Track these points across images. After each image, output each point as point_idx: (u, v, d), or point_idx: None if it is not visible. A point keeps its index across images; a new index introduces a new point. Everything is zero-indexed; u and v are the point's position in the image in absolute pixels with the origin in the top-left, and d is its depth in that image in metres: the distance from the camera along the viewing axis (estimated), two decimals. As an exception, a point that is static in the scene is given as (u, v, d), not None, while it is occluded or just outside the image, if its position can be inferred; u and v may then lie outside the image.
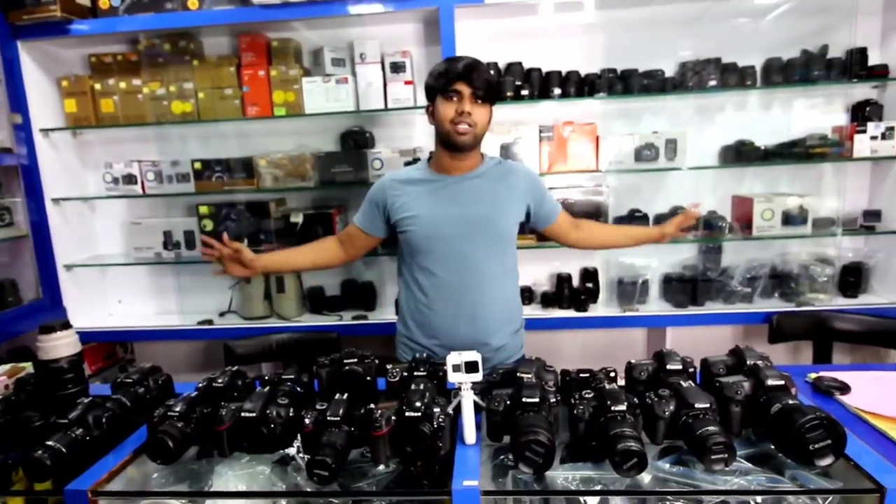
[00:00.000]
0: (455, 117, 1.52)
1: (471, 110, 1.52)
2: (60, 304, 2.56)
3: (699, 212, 1.50)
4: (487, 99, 1.55)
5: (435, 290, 1.63)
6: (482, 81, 1.52)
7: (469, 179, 1.63)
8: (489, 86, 1.54)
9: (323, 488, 1.01)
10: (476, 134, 1.56)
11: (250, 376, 1.32)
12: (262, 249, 2.57)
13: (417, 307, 1.67)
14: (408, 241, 1.64)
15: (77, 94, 2.51)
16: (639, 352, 2.81)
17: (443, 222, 1.60)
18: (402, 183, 1.66)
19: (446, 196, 1.62)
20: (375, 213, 1.69)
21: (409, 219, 1.62)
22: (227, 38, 2.59)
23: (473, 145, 1.58)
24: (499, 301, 1.66)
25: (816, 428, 0.96)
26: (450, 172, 1.64)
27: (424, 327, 1.67)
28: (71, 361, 1.31)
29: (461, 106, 1.52)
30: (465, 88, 1.51)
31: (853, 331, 2.17)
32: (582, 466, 1.05)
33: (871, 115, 2.40)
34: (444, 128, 1.55)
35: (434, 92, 1.57)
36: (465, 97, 1.52)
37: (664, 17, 2.42)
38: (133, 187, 2.56)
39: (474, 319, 1.61)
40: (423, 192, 1.63)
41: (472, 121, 1.53)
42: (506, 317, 1.69)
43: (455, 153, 1.59)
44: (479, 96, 1.52)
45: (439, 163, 1.65)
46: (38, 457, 1.03)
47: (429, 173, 1.66)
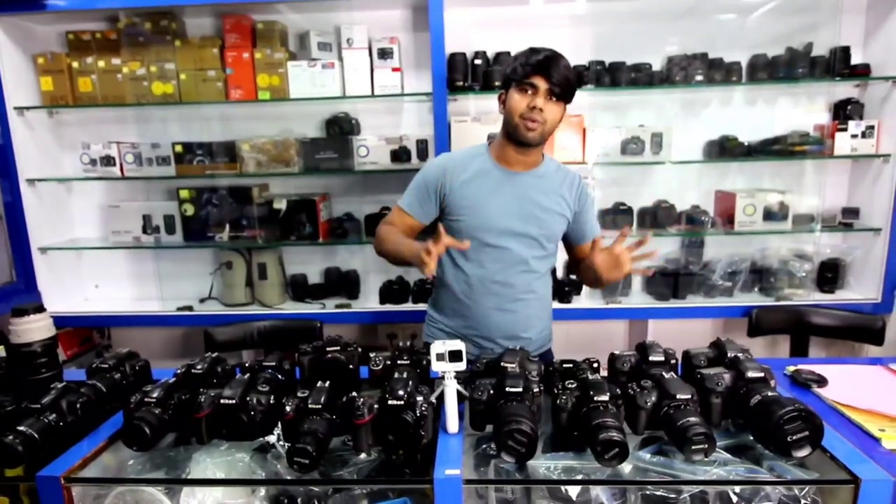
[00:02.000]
0: (526, 111, 1.47)
1: (543, 106, 1.46)
2: (35, 287, 2.50)
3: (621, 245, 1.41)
4: (563, 97, 1.49)
5: (478, 282, 1.60)
6: (561, 77, 1.45)
7: (531, 177, 1.59)
8: (567, 83, 1.47)
9: (303, 476, 1.00)
10: (544, 131, 1.50)
11: (230, 363, 1.30)
12: (243, 235, 2.54)
13: (457, 295, 1.64)
14: (459, 229, 1.59)
15: (54, 72, 2.44)
16: (621, 344, 2.83)
17: (500, 217, 1.57)
18: (462, 167, 1.60)
19: (507, 191, 1.57)
20: (429, 196, 1.61)
21: (466, 207, 1.57)
22: (211, 19, 2.53)
23: (539, 142, 1.53)
24: (538, 297, 1.66)
25: (794, 420, 0.97)
26: (512, 166, 1.59)
27: (462, 316, 1.65)
28: (44, 345, 1.28)
29: (534, 100, 1.46)
30: (541, 83, 1.45)
31: (830, 325, 2.21)
32: (564, 456, 1.05)
33: (853, 113, 2.44)
34: (514, 120, 1.49)
35: (509, 81, 1.51)
36: (540, 92, 1.46)
37: (652, 10, 2.43)
38: (111, 169, 2.50)
39: (513, 314, 1.60)
40: (484, 181, 1.58)
41: (543, 118, 1.47)
42: (541, 312, 1.68)
43: (520, 147, 1.54)
44: (554, 93, 1.46)
45: (502, 154, 1.59)
46: (10, 442, 1.00)
47: (491, 163, 1.60)
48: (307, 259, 2.73)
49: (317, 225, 2.51)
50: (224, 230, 2.53)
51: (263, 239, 2.54)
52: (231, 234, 2.54)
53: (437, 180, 1.59)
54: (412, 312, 2.50)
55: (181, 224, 2.55)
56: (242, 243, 2.55)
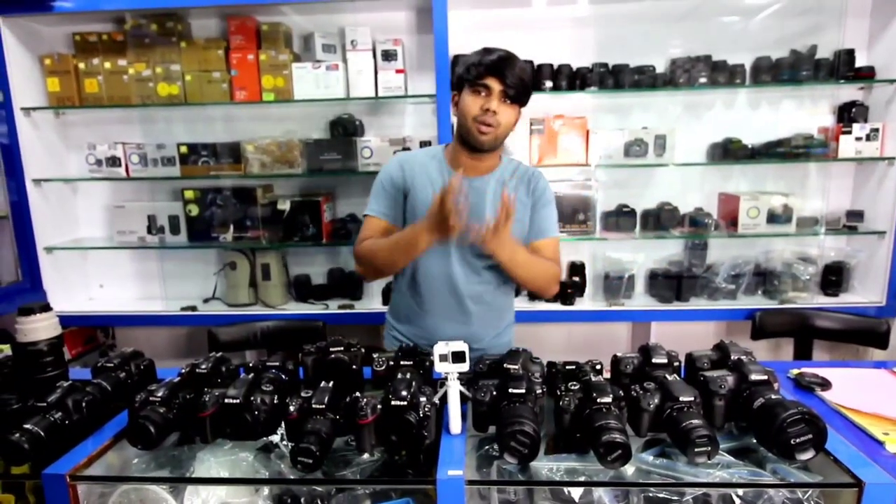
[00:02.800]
0: (479, 114, 1.42)
1: (497, 109, 1.41)
2: (40, 287, 2.51)
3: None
4: (518, 99, 1.44)
5: (430, 292, 1.57)
6: (515, 79, 1.40)
7: (481, 183, 1.53)
8: (522, 85, 1.42)
9: (307, 476, 1.01)
10: (498, 135, 1.45)
11: (234, 363, 1.30)
12: (247, 236, 2.55)
13: (409, 303, 1.62)
14: None
15: (60, 73, 2.45)
16: (623, 346, 2.83)
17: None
18: (419, 168, 1.56)
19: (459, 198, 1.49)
20: (397, 194, 1.56)
21: (419, 215, 1.50)
22: (216, 21, 2.55)
23: (493, 147, 1.49)
24: (495, 307, 1.62)
25: (798, 423, 0.97)
26: (466, 172, 1.50)
27: (414, 324, 1.62)
28: (50, 344, 1.28)
29: (488, 103, 1.41)
30: (495, 84, 1.40)
31: (834, 329, 2.20)
32: (566, 457, 1.05)
33: (857, 116, 2.43)
34: (466, 123, 1.45)
35: (462, 82, 1.46)
36: (493, 94, 1.41)
37: (656, 13, 2.43)
38: (117, 170, 2.51)
39: (464, 325, 1.57)
40: (434, 186, 1.52)
41: (497, 121, 1.42)
42: (496, 322, 1.64)
43: (473, 152, 1.50)
44: (508, 95, 1.41)
45: (456, 159, 1.54)
46: (16, 440, 1.01)
47: (445, 168, 1.56)
48: (310, 260, 2.73)
49: (320, 226, 2.51)
50: (228, 231, 2.54)
51: (267, 239, 2.55)
52: (235, 234, 2.54)
53: (400, 177, 1.56)
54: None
55: (185, 224, 2.56)
56: (246, 244, 2.56)
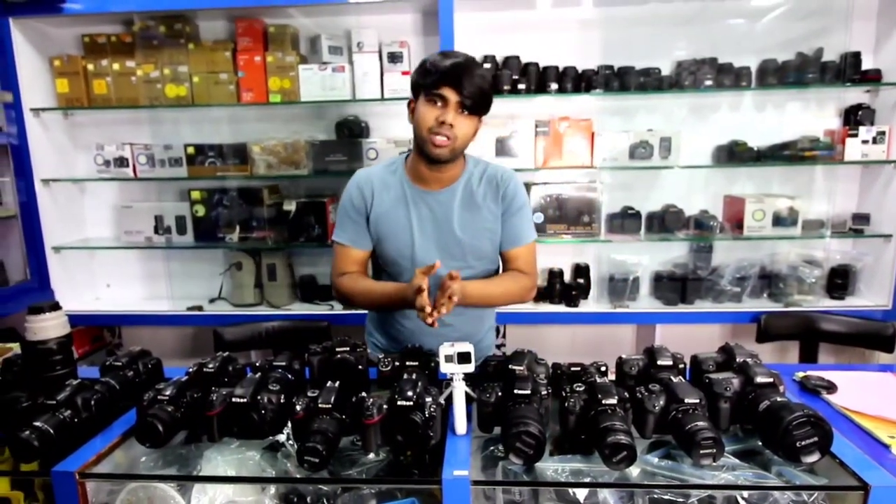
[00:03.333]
0: (434, 126, 1.34)
1: (453, 121, 1.33)
2: (48, 286, 2.53)
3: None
4: (475, 110, 1.35)
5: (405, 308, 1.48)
6: (473, 89, 1.31)
7: (446, 195, 1.47)
8: (481, 95, 1.34)
9: (313, 475, 1.01)
10: (455, 148, 1.37)
11: (241, 363, 1.31)
12: (253, 236, 2.56)
13: (384, 317, 1.59)
14: (382, 254, 1.52)
15: (69, 75, 2.47)
16: (628, 348, 2.83)
17: (417, 243, 1.46)
18: (379, 187, 1.49)
19: (421, 214, 1.46)
20: (360, 220, 1.49)
21: (383, 234, 1.48)
22: (224, 23, 2.57)
23: (450, 159, 1.40)
24: (472, 316, 1.56)
25: (804, 425, 0.97)
26: (426, 184, 1.47)
27: (391, 338, 1.61)
28: (59, 343, 1.29)
29: (443, 114, 1.33)
30: (451, 95, 1.32)
31: (839, 332, 2.19)
32: (571, 459, 1.05)
33: (863, 119, 2.43)
34: (422, 134, 1.37)
35: (418, 89, 1.38)
36: (449, 105, 1.33)
37: (661, 15, 2.43)
38: (124, 170, 2.53)
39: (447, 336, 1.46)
40: (397, 204, 1.47)
41: (453, 133, 1.34)
42: (478, 327, 1.60)
43: (431, 164, 1.42)
44: (465, 106, 1.33)
45: (415, 171, 1.47)
46: (26, 437, 1.02)
47: (404, 181, 1.48)
48: (316, 260, 2.74)
49: (326, 226, 2.52)
50: (234, 231, 2.55)
51: (273, 240, 2.56)
52: (241, 235, 2.56)
53: (360, 200, 1.49)
54: (420, 315, 2.50)
55: (192, 225, 2.58)
56: (252, 244, 2.57)
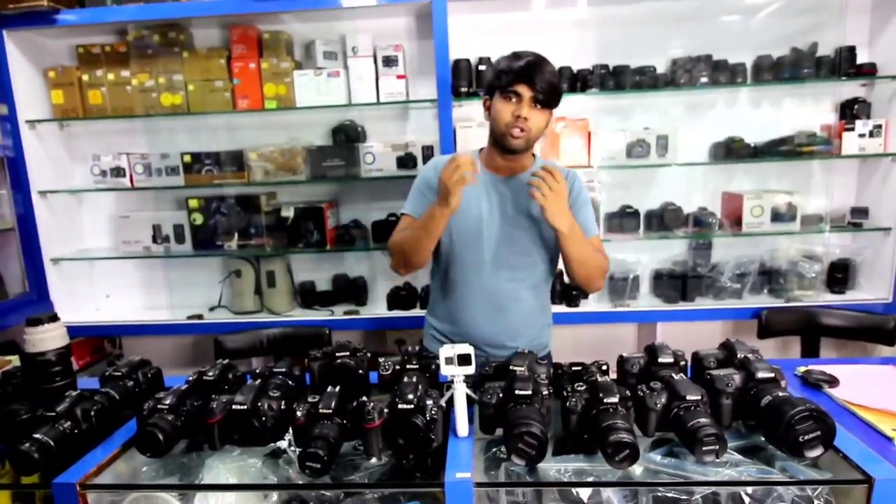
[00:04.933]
0: (511, 120, 1.46)
1: (528, 115, 1.45)
2: (47, 297, 2.53)
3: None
4: (548, 104, 1.47)
5: (466, 288, 1.60)
6: (545, 84, 1.43)
7: (519, 181, 1.58)
8: (552, 89, 1.45)
9: (315, 481, 1.01)
10: (529, 139, 1.50)
11: (241, 370, 1.31)
12: (251, 243, 2.56)
13: (446, 301, 1.65)
14: (448, 234, 1.59)
15: (64, 86, 2.47)
16: (630, 347, 2.82)
17: (484, 223, 1.56)
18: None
19: (494, 197, 1.58)
20: (431, 197, 1.58)
21: (456, 212, 1.54)
22: (218, 30, 2.57)
23: (525, 149, 1.53)
24: (529, 306, 1.63)
25: (806, 420, 0.97)
26: (499, 171, 1.59)
27: (451, 322, 1.65)
28: (59, 354, 1.29)
29: (518, 109, 1.45)
30: (525, 91, 1.43)
31: (840, 326, 2.19)
32: (574, 458, 1.05)
33: (859, 113, 2.42)
34: (499, 129, 1.49)
35: (493, 88, 1.50)
36: (524, 100, 1.44)
37: (656, 13, 2.43)
38: (121, 180, 2.53)
39: (498, 323, 1.58)
40: (472, 186, 1.54)
41: (528, 126, 1.46)
42: (530, 321, 1.65)
43: (506, 153, 1.54)
44: (538, 100, 1.45)
45: (490, 160, 1.60)
46: (26, 449, 1.02)
47: (480, 168, 1.59)
48: (315, 266, 2.74)
49: (324, 232, 2.52)
50: (233, 238, 2.55)
51: (271, 247, 2.56)
52: (239, 242, 2.56)
53: (435, 182, 1.56)
54: (420, 318, 2.44)
55: (190, 233, 2.58)
56: (251, 251, 2.57)
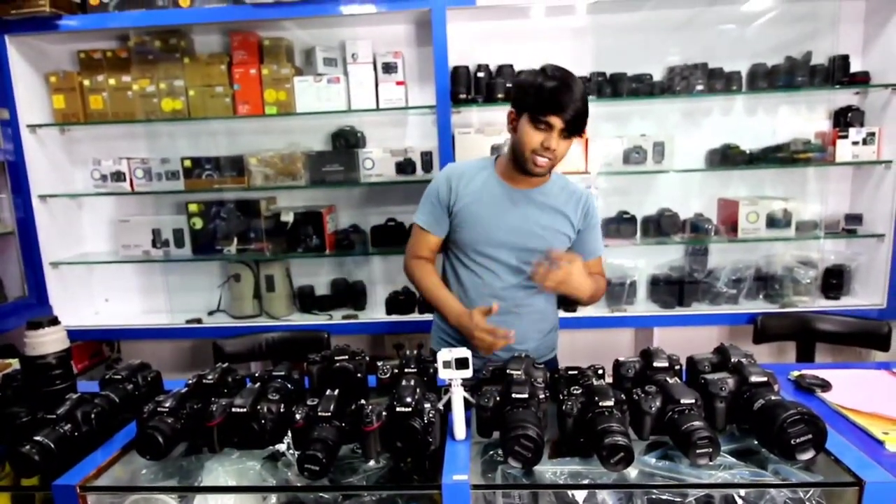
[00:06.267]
0: (539, 149, 1.45)
1: (556, 146, 1.45)
2: (46, 301, 2.53)
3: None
4: (576, 132, 1.47)
5: (477, 294, 1.62)
6: (574, 114, 1.41)
7: (534, 194, 1.59)
8: (582, 119, 1.44)
9: (313, 483, 1.02)
10: (552, 165, 1.51)
11: (240, 374, 1.32)
12: (251, 248, 2.57)
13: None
14: (461, 239, 1.61)
15: (65, 90, 2.49)
16: (626, 352, 2.83)
17: (498, 232, 1.57)
18: (468, 179, 1.61)
19: (508, 207, 1.58)
20: (441, 209, 1.62)
21: (467, 221, 1.59)
22: (219, 36, 2.59)
23: (545, 174, 1.55)
24: (536, 311, 1.66)
25: (798, 423, 0.98)
26: (516, 183, 1.59)
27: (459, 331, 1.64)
28: (59, 357, 1.30)
29: (548, 140, 1.44)
30: (557, 122, 1.42)
31: (835, 332, 2.21)
32: (570, 461, 1.06)
33: (853, 120, 2.45)
34: (524, 153, 1.48)
35: (522, 107, 1.47)
36: (554, 131, 1.43)
37: (653, 22, 2.46)
38: (121, 185, 2.54)
39: (514, 326, 1.56)
40: (486, 197, 1.59)
41: (555, 155, 1.47)
42: (539, 325, 1.69)
43: (525, 174, 1.55)
44: (568, 129, 1.44)
45: (508, 173, 1.60)
46: (26, 452, 1.02)
47: (495, 179, 1.60)
48: (314, 271, 2.75)
49: (323, 237, 2.54)
50: (232, 243, 2.56)
51: (271, 251, 2.57)
52: (239, 246, 2.57)
53: (446, 192, 1.61)
54: (418, 323, 2.51)
55: (190, 237, 2.59)
56: (250, 256, 2.58)
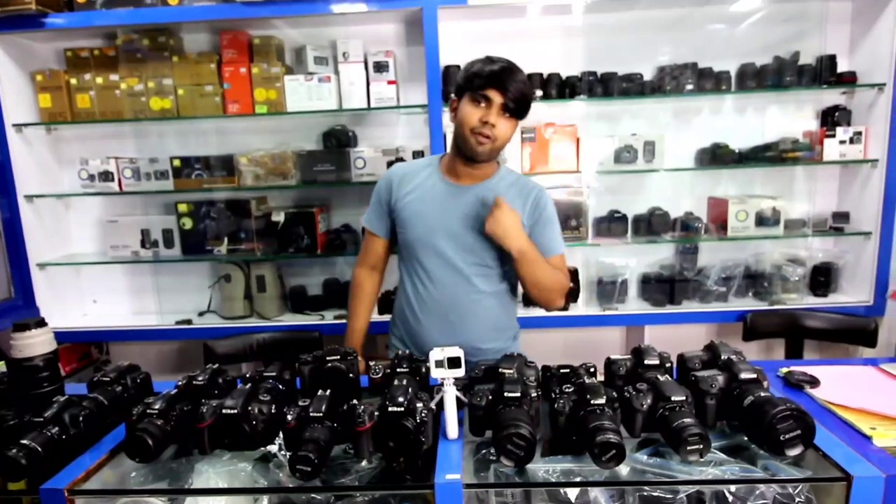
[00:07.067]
0: (477, 125, 1.41)
1: (496, 122, 1.41)
2: (33, 303, 2.50)
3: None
4: (517, 113, 1.43)
5: (423, 302, 1.58)
6: (516, 92, 1.39)
7: (479, 189, 1.53)
8: (523, 98, 1.41)
9: (305, 484, 1.01)
10: (494, 147, 1.45)
11: (231, 375, 1.31)
12: (241, 248, 2.55)
13: (406, 315, 1.63)
14: (406, 240, 1.57)
15: (52, 89, 2.46)
16: (618, 350, 2.82)
17: (440, 232, 1.52)
18: (409, 178, 1.57)
19: (450, 206, 1.52)
20: (382, 210, 1.60)
21: (408, 221, 1.55)
22: (208, 35, 2.57)
23: (488, 158, 1.49)
24: (490, 318, 1.60)
25: (787, 419, 0.99)
26: (459, 179, 1.54)
27: (412, 335, 1.63)
28: (46, 360, 1.29)
29: (487, 115, 1.40)
30: (496, 97, 1.39)
31: (823, 329, 2.24)
32: (562, 459, 1.07)
33: (840, 120, 2.48)
34: (463, 133, 1.44)
35: (462, 90, 1.45)
36: (493, 106, 1.40)
37: (643, 22, 2.47)
38: (110, 184, 2.52)
39: (456, 335, 1.53)
40: (427, 195, 1.54)
41: (494, 133, 1.42)
42: (492, 334, 1.62)
43: (468, 161, 1.50)
44: (508, 108, 1.41)
45: (450, 167, 1.56)
46: (13, 455, 1.01)
47: (437, 176, 1.56)
48: (306, 271, 2.74)
49: (315, 237, 2.53)
50: (222, 243, 2.55)
51: (262, 251, 2.55)
52: (229, 247, 2.55)
53: (386, 193, 1.59)
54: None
55: (179, 238, 2.57)
56: (241, 256, 2.56)
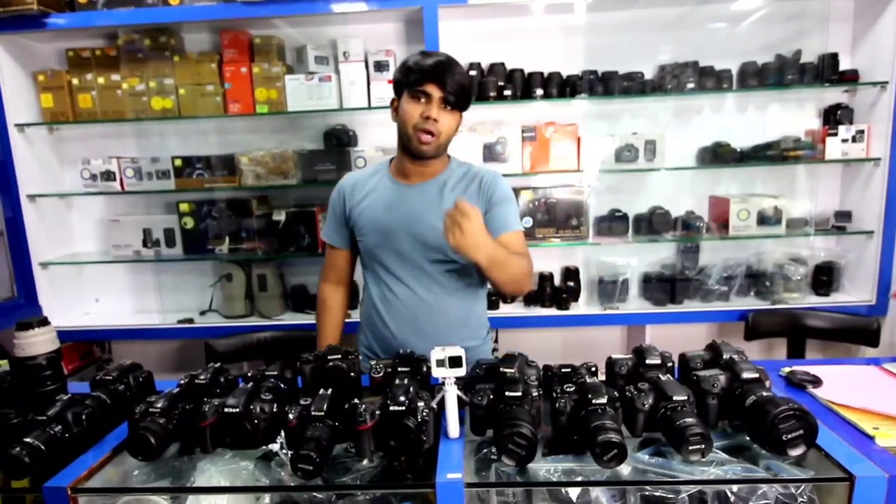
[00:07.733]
0: (419, 122, 1.39)
1: (437, 116, 1.39)
2: (36, 302, 2.51)
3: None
4: (458, 105, 1.41)
5: (389, 306, 1.54)
6: (455, 85, 1.37)
7: (429, 187, 1.51)
8: (462, 90, 1.40)
9: (307, 483, 1.01)
10: (440, 143, 1.43)
11: (233, 374, 1.31)
12: (243, 248, 2.56)
13: (374, 321, 1.59)
14: (364, 249, 1.56)
15: (54, 89, 2.47)
16: (619, 350, 2.84)
17: (396, 234, 1.49)
18: (359, 185, 1.56)
19: (403, 207, 1.50)
20: (339, 221, 1.59)
21: (364, 227, 1.53)
22: (209, 35, 2.57)
23: (435, 155, 1.46)
24: (459, 317, 1.56)
25: (789, 419, 0.99)
26: (409, 179, 1.52)
27: (381, 342, 1.59)
28: (49, 358, 1.29)
29: (428, 110, 1.38)
30: (435, 91, 1.37)
31: (825, 328, 2.23)
32: (563, 459, 1.06)
33: (842, 118, 2.47)
34: (406, 131, 1.42)
35: (401, 87, 1.43)
36: (433, 100, 1.38)
37: (644, 21, 2.47)
38: (111, 184, 2.52)
39: (425, 337, 1.50)
40: (379, 199, 1.52)
41: (437, 129, 1.40)
42: (467, 333, 1.58)
43: (415, 159, 1.48)
44: (448, 101, 1.39)
45: (399, 166, 1.54)
46: (16, 453, 1.01)
47: (387, 178, 1.55)
48: (307, 270, 2.74)
49: (316, 236, 2.53)
50: (224, 243, 2.55)
51: (263, 251, 2.56)
52: (231, 246, 2.56)
53: (340, 203, 1.58)
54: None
55: (181, 237, 2.57)
56: (242, 255, 2.57)
